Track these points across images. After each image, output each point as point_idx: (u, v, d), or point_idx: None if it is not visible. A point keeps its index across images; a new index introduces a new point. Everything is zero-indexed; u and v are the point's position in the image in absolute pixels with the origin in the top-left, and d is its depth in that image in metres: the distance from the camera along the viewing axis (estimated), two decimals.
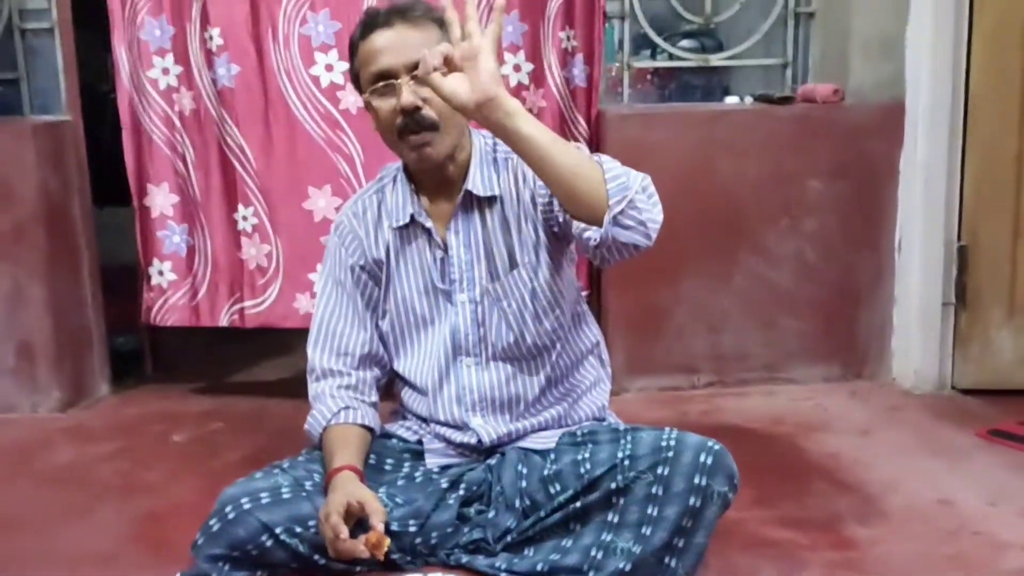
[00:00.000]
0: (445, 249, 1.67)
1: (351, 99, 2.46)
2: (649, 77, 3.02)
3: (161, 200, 2.57)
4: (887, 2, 2.51)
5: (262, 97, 2.46)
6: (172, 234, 2.58)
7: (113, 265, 2.77)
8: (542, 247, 1.64)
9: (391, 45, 1.54)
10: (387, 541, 1.45)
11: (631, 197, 1.40)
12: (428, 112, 1.55)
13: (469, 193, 1.64)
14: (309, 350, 1.73)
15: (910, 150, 2.52)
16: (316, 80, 2.46)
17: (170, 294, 2.60)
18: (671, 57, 2.75)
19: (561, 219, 1.54)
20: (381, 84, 1.56)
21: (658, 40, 2.72)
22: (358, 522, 1.48)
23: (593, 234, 1.43)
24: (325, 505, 1.48)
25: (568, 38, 2.54)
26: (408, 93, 1.53)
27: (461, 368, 1.68)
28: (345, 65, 2.43)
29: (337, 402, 1.68)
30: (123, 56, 2.50)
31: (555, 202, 1.54)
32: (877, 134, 2.54)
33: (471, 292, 1.67)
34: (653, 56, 2.79)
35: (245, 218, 2.52)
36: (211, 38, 2.44)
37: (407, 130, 1.56)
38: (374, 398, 1.73)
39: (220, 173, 2.52)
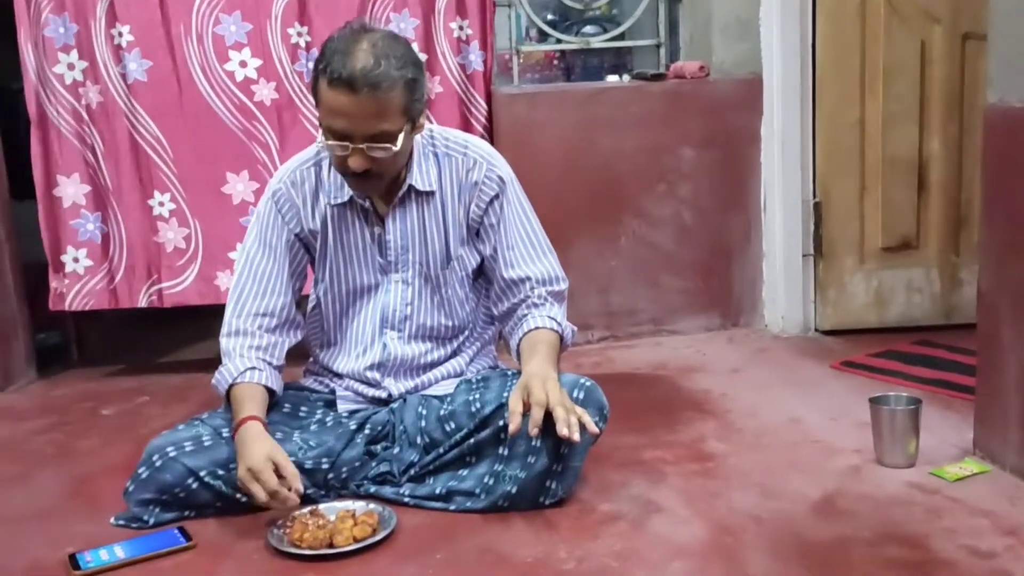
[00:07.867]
0: (383, 227, 1.81)
1: (265, 92, 2.64)
2: (555, 61, 3.25)
3: (72, 190, 2.67)
4: None
5: (176, 89, 2.61)
6: (86, 222, 2.68)
7: (31, 260, 2.82)
8: (471, 243, 1.85)
9: (352, 113, 1.60)
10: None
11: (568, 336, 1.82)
12: (375, 170, 1.67)
13: (411, 187, 1.80)
14: (228, 306, 1.83)
15: (768, 119, 2.80)
16: (231, 75, 2.62)
17: (87, 279, 2.70)
18: (558, 41, 2.99)
19: (486, 278, 1.89)
20: (335, 142, 1.64)
21: (543, 26, 2.96)
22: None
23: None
24: (247, 459, 1.60)
25: (460, 27, 2.75)
26: (358, 160, 1.64)
27: (386, 339, 1.87)
28: (259, 61, 2.62)
29: (245, 362, 1.78)
30: (29, 53, 2.59)
31: (489, 273, 1.87)
32: (739, 106, 2.82)
33: (404, 274, 1.85)
34: (558, 40, 3.01)
35: (162, 204, 2.67)
36: (120, 35, 2.58)
37: (351, 176, 1.70)
38: (280, 362, 1.85)
39: (133, 162, 2.65)
